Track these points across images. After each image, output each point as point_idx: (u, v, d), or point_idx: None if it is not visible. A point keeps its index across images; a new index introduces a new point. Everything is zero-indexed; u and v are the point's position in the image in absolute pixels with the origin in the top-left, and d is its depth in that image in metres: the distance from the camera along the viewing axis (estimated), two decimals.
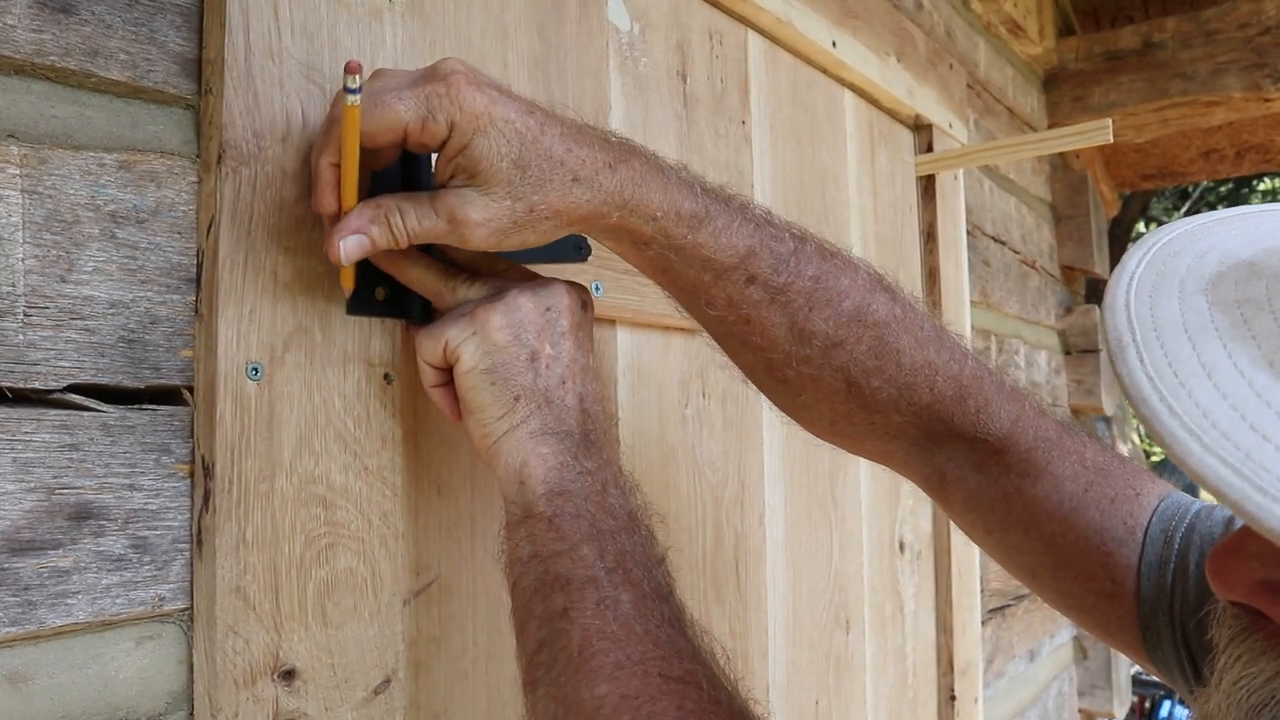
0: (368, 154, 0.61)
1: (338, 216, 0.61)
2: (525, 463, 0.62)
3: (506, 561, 0.62)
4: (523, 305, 0.65)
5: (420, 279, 0.67)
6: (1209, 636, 0.47)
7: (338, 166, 0.60)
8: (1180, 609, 0.67)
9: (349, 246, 0.60)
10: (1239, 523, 0.60)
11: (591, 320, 0.70)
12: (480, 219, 0.60)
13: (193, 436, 0.61)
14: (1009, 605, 2.12)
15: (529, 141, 0.59)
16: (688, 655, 0.55)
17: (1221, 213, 0.50)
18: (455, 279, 0.67)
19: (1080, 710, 2.77)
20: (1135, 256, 0.46)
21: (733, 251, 0.67)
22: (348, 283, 0.66)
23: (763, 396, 0.76)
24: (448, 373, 0.66)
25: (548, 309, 0.66)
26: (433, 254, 0.69)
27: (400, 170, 0.68)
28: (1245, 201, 9.39)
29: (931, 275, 1.65)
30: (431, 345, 0.65)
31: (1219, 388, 0.36)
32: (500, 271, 0.69)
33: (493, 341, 0.63)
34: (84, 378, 0.56)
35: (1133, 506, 0.71)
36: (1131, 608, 0.70)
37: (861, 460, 1.41)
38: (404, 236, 0.61)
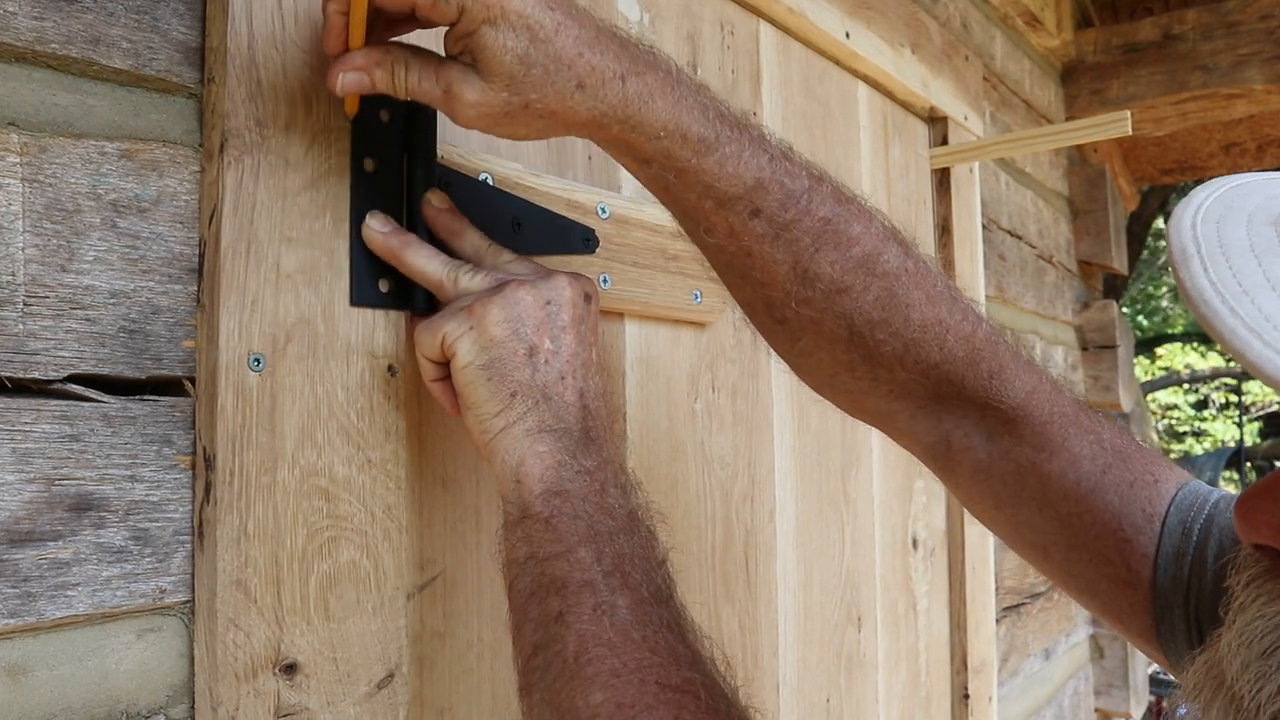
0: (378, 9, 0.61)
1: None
2: (522, 461, 0.61)
3: (503, 562, 0.61)
4: (522, 299, 0.63)
5: (422, 269, 0.66)
6: (1226, 584, 0.46)
7: (346, 16, 0.60)
8: (1196, 603, 0.66)
9: (348, 80, 0.60)
10: None
11: (596, 314, 0.69)
12: (474, 100, 0.59)
13: (194, 428, 0.61)
14: (1024, 603, 2.10)
15: (539, 39, 0.57)
16: (686, 662, 0.54)
17: None
18: (458, 270, 0.66)
19: (1096, 710, 2.75)
20: (1204, 191, 0.46)
21: (738, 182, 0.64)
22: (351, 108, 0.66)
23: (773, 390, 0.75)
24: (446, 367, 0.65)
25: (548, 303, 0.64)
26: (435, 245, 0.69)
27: (403, 121, 0.69)
28: None
29: (946, 269, 1.63)
30: (429, 339, 0.64)
31: None
32: (503, 263, 0.68)
33: (490, 336, 0.62)
34: (84, 368, 0.56)
35: (1151, 493, 0.69)
36: (1146, 597, 0.68)
37: (874, 455, 1.40)
38: (402, 89, 0.61)
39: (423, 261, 0.66)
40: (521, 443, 0.62)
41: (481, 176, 0.76)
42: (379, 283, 0.68)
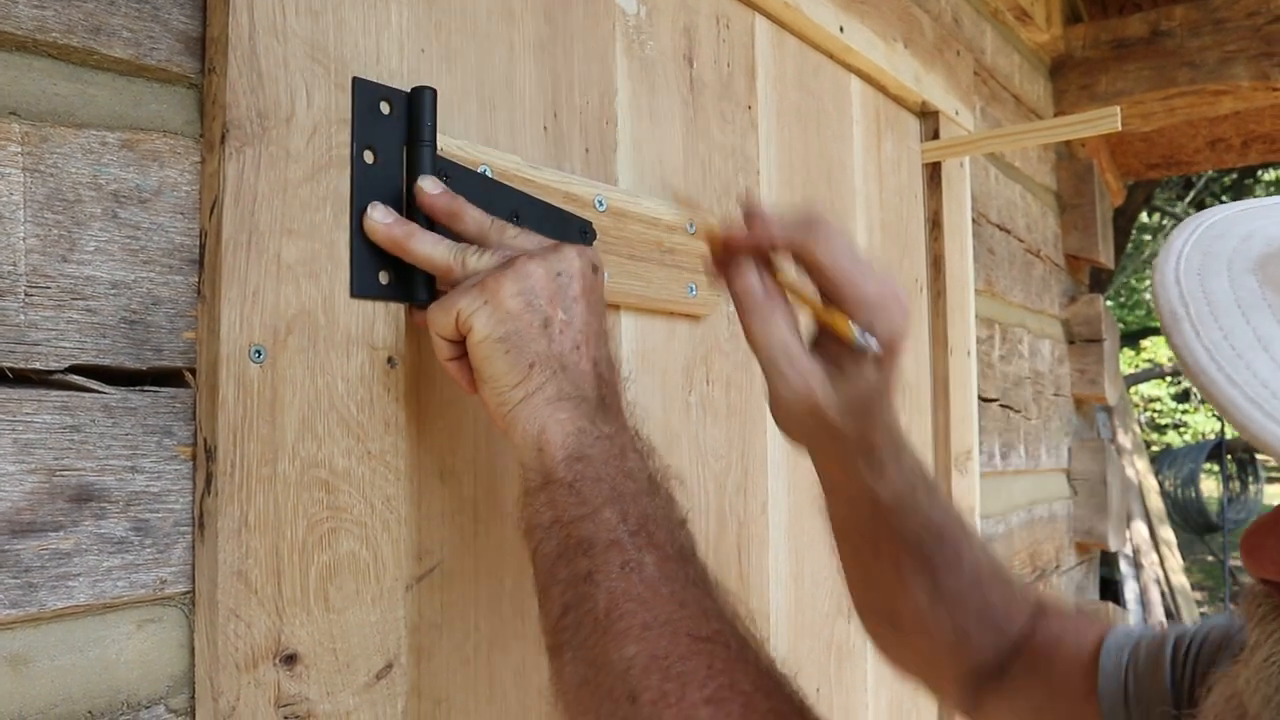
0: None
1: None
2: (543, 429, 0.61)
3: (525, 529, 0.62)
4: (533, 271, 0.63)
5: (429, 255, 0.66)
6: (1236, 608, 0.48)
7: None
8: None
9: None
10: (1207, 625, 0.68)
11: (602, 284, 0.69)
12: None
13: (195, 419, 0.61)
14: None
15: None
16: (714, 615, 0.55)
17: (1259, 201, 0.52)
18: (464, 252, 0.66)
19: None
20: (1180, 237, 0.47)
21: None
22: None
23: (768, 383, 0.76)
24: (461, 345, 0.65)
25: (558, 274, 0.65)
26: (438, 230, 0.69)
27: (404, 112, 0.70)
28: (1250, 191, 9.36)
29: (936, 263, 1.64)
30: (443, 317, 0.64)
31: (1275, 359, 0.38)
32: (509, 239, 0.68)
33: (505, 309, 0.62)
34: (85, 359, 0.56)
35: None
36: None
37: None
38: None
39: (428, 248, 0.66)
40: (542, 411, 0.62)
41: (480, 169, 0.76)
42: (379, 274, 0.68)
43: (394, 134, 0.69)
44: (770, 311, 0.67)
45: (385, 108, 0.69)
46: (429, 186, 0.69)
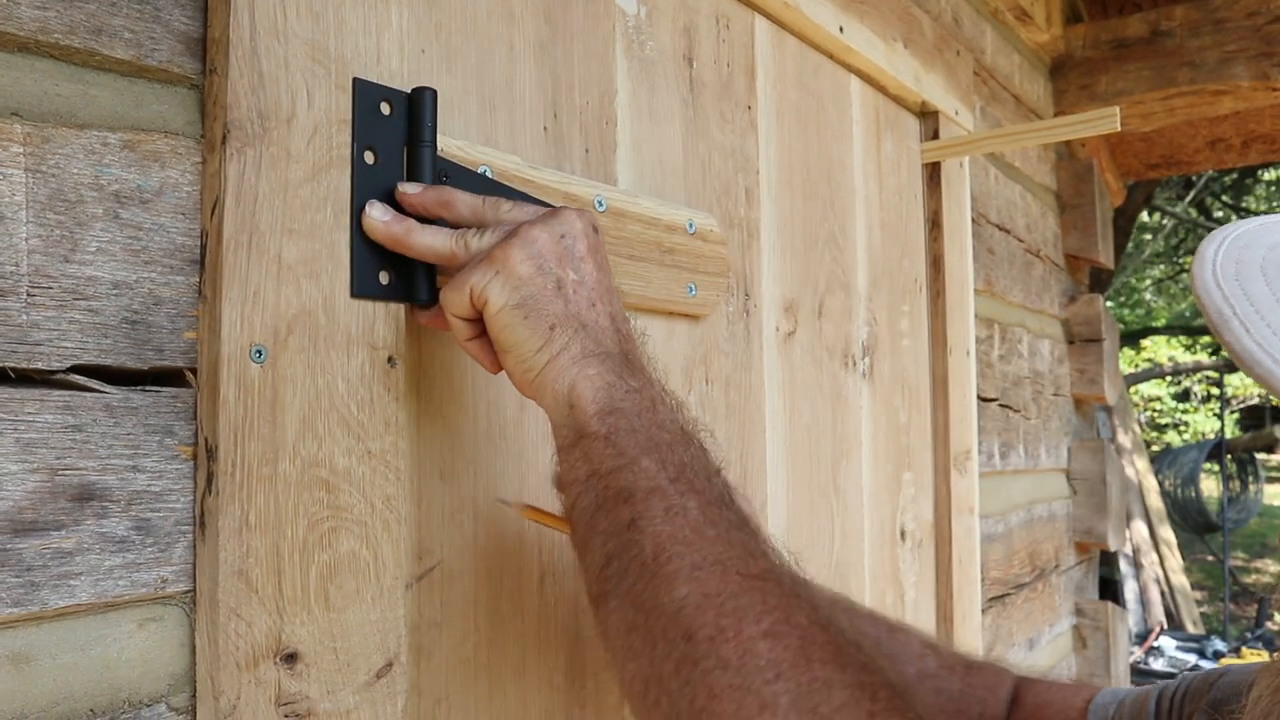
0: None
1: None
2: (573, 386, 0.62)
3: (560, 485, 0.62)
4: (538, 237, 0.64)
5: (430, 245, 0.66)
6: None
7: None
8: None
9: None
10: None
11: (604, 244, 0.70)
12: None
13: (196, 418, 0.61)
14: (1009, 594, 2.12)
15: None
16: (761, 554, 0.56)
17: (1275, 216, 0.55)
18: (464, 236, 0.66)
19: None
20: (1210, 247, 0.49)
21: None
22: None
23: (765, 383, 0.77)
24: (479, 324, 0.66)
25: (562, 236, 0.65)
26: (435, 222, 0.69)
27: (404, 113, 0.70)
28: (1250, 191, 9.37)
29: (936, 263, 1.64)
30: (457, 296, 0.64)
31: None
32: (505, 214, 0.68)
33: (517, 276, 0.63)
34: (87, 358, 0.56)
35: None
36: None
37: (864, 449, 1.41)
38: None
39: (429, 238, 0.66)
40: (570, 370, 0.62)
41: (480, 169, 0.76)
42: (379, 274, 0.68)
43: (394, 134, 0.70)
44: None
45: (386, 108, 0.69)
46: (410, 189, 0.69)
